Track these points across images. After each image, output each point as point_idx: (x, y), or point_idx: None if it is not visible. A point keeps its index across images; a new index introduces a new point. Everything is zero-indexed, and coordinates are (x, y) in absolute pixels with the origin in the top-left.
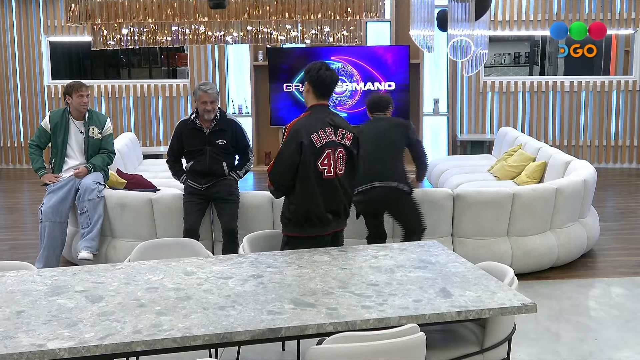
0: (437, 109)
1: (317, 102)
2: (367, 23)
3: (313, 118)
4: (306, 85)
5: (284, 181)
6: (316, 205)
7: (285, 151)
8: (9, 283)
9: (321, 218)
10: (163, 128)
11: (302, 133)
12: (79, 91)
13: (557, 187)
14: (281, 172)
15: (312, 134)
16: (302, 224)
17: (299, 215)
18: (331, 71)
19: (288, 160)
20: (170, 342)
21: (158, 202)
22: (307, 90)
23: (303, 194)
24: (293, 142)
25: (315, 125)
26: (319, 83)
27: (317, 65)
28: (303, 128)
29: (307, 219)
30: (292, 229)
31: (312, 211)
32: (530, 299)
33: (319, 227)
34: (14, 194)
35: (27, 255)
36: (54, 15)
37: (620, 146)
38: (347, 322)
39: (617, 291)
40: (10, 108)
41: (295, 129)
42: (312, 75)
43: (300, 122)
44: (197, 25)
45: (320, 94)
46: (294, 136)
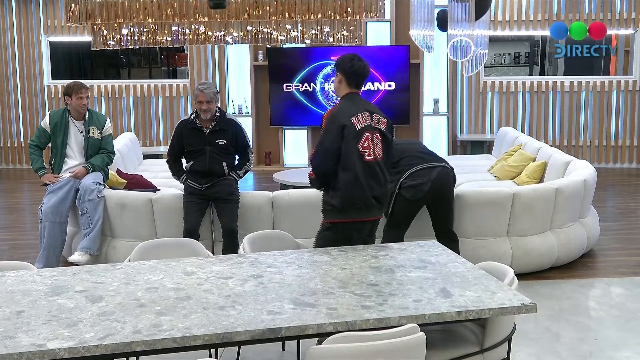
0: (437, 109)
1: (350, 91)
2: (367, 23)
3: (349, 104)
4: (338, 76)
5: (327, 167)
6: (361, 189)
7: (327, 137)
8: (9, 283)
9: (366, 202)
10: (163, 128)
11: (341, 117)
12: (78, 93)
13: (557, 187)
14: (324, 158)
15: (351, 117)
16: (347, 209)
17: (345, 200)
18: (363, 62)
19: (330, 145)
20: (170, 342)
21: (158, 202)
22: (339, 81)
23: (347, 178)
24: (333, 127)
25: (352, 110)
26: (352, 74)
27: (349, 57)
28: (341, 113)
29: (353, 204)
30: (337, 215)
31: (357, 195)
32: (530, 299)
33: (364, 211)
34: (14, 194)
35: (27, 255)
36: (54, 15)
37: (620, 146)
38: (347, 322)
39: (617, 291)
40: (10, 108)
41: (333, 114)
42: (346, 67)
43: (337, 108)
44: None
45: (353, 84)
46: (333, 121)
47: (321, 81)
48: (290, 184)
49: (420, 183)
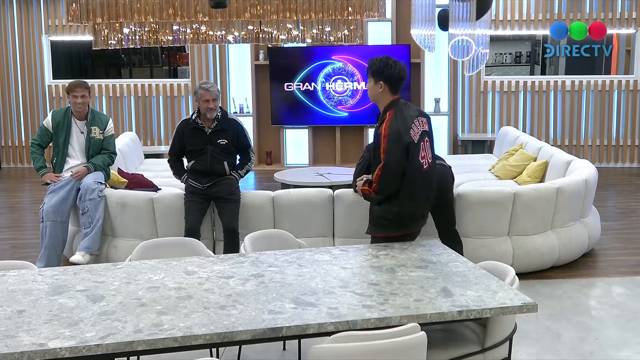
0: (438, 108)
1: (393, 97)
2: (368, 22)
3: (402, 115)
4: (378, 83)
5: (395, 187)
6: (421, 202)
7: (394, 156)
8: (10, 282)
9: (423, 212)
10: (164, 127)
11: (404, 135)
12: (72, 91)
13: (558, 186)
14: (395, 178)
15: (409, 131)
16: (406, 222)
17: (404, 215)
18: (401, 64)
19: (398, 167)
20: (171, 342)
21: (159, 202)
22: (381, 89)
23: (409, 194)
24: (399, 147)
25: (408, 122)
26: (396, 79)
27: (389, 62)
28: (402, 129)
29: (412, 218)
30: (394, 229)
31: (417, 209)
32: (531, 298)
33: (420, 221)
34: (15, 194)
35: (28, 255)
36: (55, 15)
37: (622, 146)
38: (348, 322)
39: (618, 291)
40: (12, 107)
41: (394, 130)
42: (390, 74)
43: (394, 123)
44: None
45: (395, 90)
46: (397, 140)
47: (322, 80)
48: (291, 183)
49: None
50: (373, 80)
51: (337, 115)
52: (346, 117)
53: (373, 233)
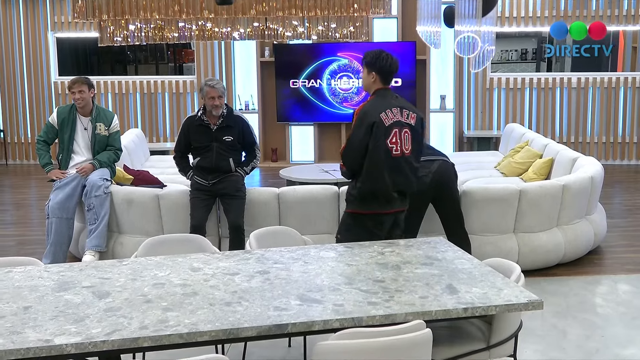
0: (443, 105)
1: (381, 86)
2: (374, 19)
3: (379, 100)
4: (373, 75)
5: (355, 163)
6: (384, 183)
7: (357, 133)
8: (16, 279)
9: (387, 197)
10: (170, 124)
11: (371, 114)
12: (71, 88)
13: (564, 183)
14: (354, 154)
15: (380, 113)
16: (366, 200)
17: (365, 192)
18: (393, 57)
19: (359, 143)
20: (176, 338)
21: (164, 198)
22: (371, 78)
23: (371, 172)
24: (363, 124)
25: (382, 106)
26: (385, 70)
27: (378, 53)
28: (371, 109)
29: (373, 197)
30: (356, 206)
31: (378, 189)
32: (537, 295)
33: (384, 204)
34: (21, 190)
35: (34, 251)
36: (60, 12)
37: (628, 143)
38: (354, 319)
39: (624, 288)
40: (17, 104)
41: (364, 111)
42: (377, 63)
43: (367, 104)
44: (204, 22)
45: (386, 81)
46: (363, 118)
47: (328, 77)
48: (296, 180)
49: (421, 176)
50: (366, 70)
51: (343, 112)
52: (352, 114)
53: (345, 209)
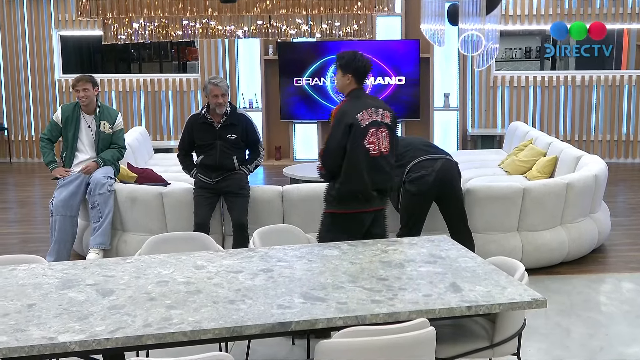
0: (447, 103)
1: (355, 87)
2: (378, 17)
3: (355, 101)
4: (348, 77)
5: (334, 165)
6: (363, 183)
7: (335, 135)
8: (20, 276)
9: (367, 196)
10: (173, 122)
11: (348, 116)
12: (75, 86)
13: (568, 182)
14: (333, 156)
15: (357, 114)
16: (346, 200)
17: (345, 193)
18: (366, 58)
19: (337, 145)
20: (180, 336)
21: (168, 196)
22: (348, 80)
23: (350, 173)
24: (340, 126)
25: (359, 107)
26: (362, 72)
27: (352, 54)
28: (348, 111)
29: (353, 197)
30: (336, 206)
31: (358, 189)
32: (541, 294)
33: (364, 203)
34: (25, 188)
35: (38, 249)
36: (64, 10)
37: (632, 141)
38: (357, 317)
39: (628, 286)
40: (22, 102)
41: (341, 112)
42: (351, 64)
43: (344, 106)
44: (208, 20)
45: (360, 81)
46: (340, 119)
47: (331, 75)
48: (300, 178)
49: (424, 175)
50: (341, 72)
51: None
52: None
53: (324, 209)
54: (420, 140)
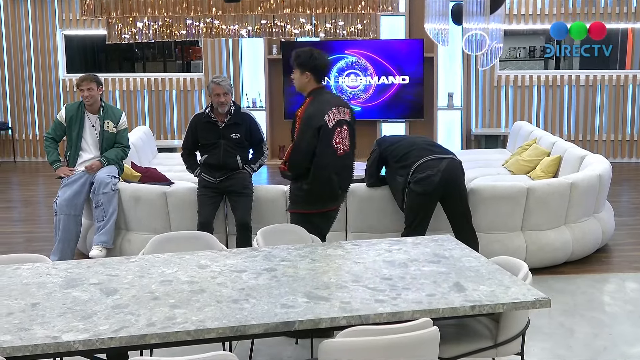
0: (451, 102)
1: (317, 86)
2: (382, 16)
3: (319, 102)
4: (307, 75)
5: (303, 166)
6: (332, 183)
7: (304, 138)
8: (24, 275)
9: (334, 195)
10: (177, 121)
11: (316, 118)
12: (79, 86)
13: (572, 181)
14: (301, 159)
15: (324, 115)
16: (314, 200)
17: (314, 193)
18: (324, 55)
19: (307, 147)
20: (184, 335)
21: (172, 196)
22: (305, 78)
23: (319, 174)
24: (309, 129)
25: (324, 108)
26: (321, 69)
27: (309, 52)
28: (315, 112)
29: (322, 196)
30: (304, 206)
31: (327, 190)
32: (545, 293)
33: (331, 201)
34: (29, 187)
35: (42, 248)
36: (69, 9)
37: (636, 141)
38: (361, 316)
39: (631, 286)
40: (26, 101)
41: (308, 115)
42: (310, 62)
43: (310, 107)
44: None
45: (320, 79)
46: (309, 123)
47: (335, 75)
48: None
49: (429, 175)
50: (299, 71)
51: None
52: (359, 111)
53: (289, 209)
54: (424, 139)
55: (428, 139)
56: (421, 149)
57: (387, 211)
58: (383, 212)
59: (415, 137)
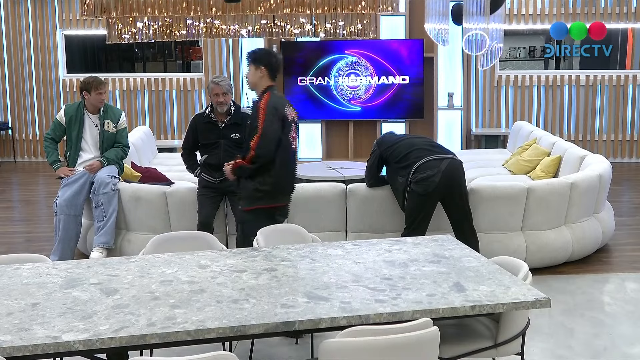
0: (451, 102)
1: (271, 83)
2: (382, 16)
3: (278, 97)
4: (259, 70)
5: (272, 153)
6: (290, 176)
7: (271, 125)
8: (25, 275)
9: (291, 188)
10: (177, 121)
11: (280, 109)
12: (97, 89)
13: (572, 181)
14: (271, 145)
15: (285, 109)
16: (276, 194)
17: (277, 186)
18: (279, 55)
19: (274, 135)
20: (184, 335)
21: (172, 196)
22: (260, 75)
23: (282, 166)
24: (276, 118)
25: (284, 102)
26: (276, 67)
27: (267, 51)
28: (278, 105)
29: (284, 189)
30: (267, 201)
31: (288, 181)
32: (545, 293)
33: (287, 195)
34: (29, 187)
35: (42, 248)
36: (69, 9)
37: (636, 141)
38: (361, 316)
39: (631, 286)
40: (26, 101)
41: (273, 105)
42: (267, 61)
43: (272, 100)
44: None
45: (273, 77)
46: (274, 113)
47: (335, 75)
48: (304, 177)
49: (430, 175)
50: (254, 66)
51: (350, 109)
52: (359, 111)
53: (247, 207)
54: (424, 140)
55: (428, 139)
56: (421, 150)
57: (387, 211)
58: (383, 212)
59: (416, 137)
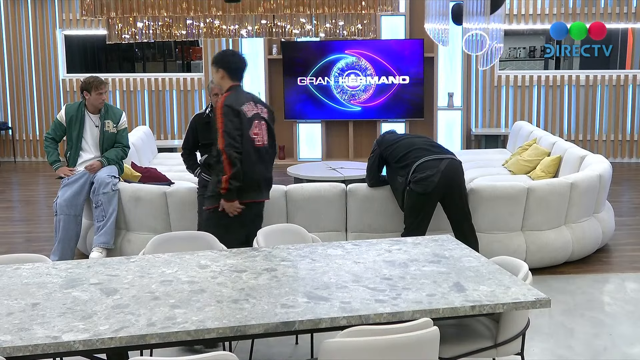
0: (451, 102)
1: (232, 83)
2: (382, 16)
3: (236, 95)
4: (220, 72)
5: (238, 150)
6: (256, 172)
7: (229, 123)
8: (25, 275)
9: (259, 184)
10: (177, 121)
11: (234, 106)
12: (98, 89)
13: (572, 181)
14: (236, 142)
15: (241, 105)
16: (245, 190)
17: (245, 182)
18: (240, 56)
19: (233, 128)
20: (184, 335)
21: (172, 196)
22: (221, 77)
23: (248, 159)
24: (231, 114)
25: (241, 99)
26: (233, 68)
27: (227, 53)
28: (233, 102)
29: (248, 186)
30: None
31: (253, 178)
32: (545, 293)
33: (257, 192)
34: (29, 187)
35: (42, 248)
36: (69, 9)
37: (636, 141)
38: (361, 316)
39: (631, 286)
40: (26, 101)
41: (227, 104)
42: (226, 63)
43: (227, 98)
44: (212, 19)
45: (235, 77)
46: (228, 110)
47: (335, 75)
48: (304, 177)
49: (429, 175)
50: (214, 69)
51: (350, 109)
52: (359, 111)
53: (208, 206)
54: (424, 139)
55: (428, 139)
56: (421, 149)
57: (387, 211)
58: (383, 212)
59: (415, 137)
